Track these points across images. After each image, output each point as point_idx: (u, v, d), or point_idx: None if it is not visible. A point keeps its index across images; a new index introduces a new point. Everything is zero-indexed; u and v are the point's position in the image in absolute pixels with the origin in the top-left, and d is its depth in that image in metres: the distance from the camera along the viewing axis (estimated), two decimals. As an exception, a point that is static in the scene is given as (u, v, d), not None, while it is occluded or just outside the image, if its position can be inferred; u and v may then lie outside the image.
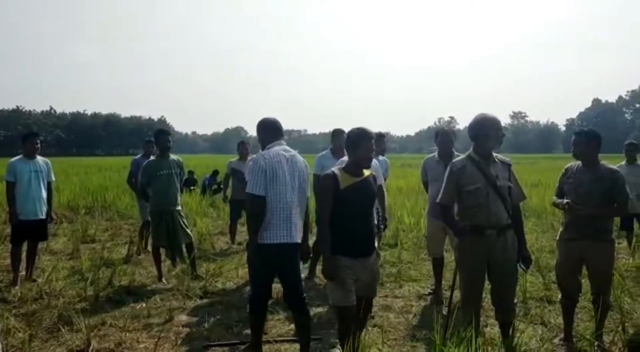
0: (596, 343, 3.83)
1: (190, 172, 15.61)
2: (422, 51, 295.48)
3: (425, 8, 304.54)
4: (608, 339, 3.99)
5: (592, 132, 4.10)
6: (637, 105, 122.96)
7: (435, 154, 5.46)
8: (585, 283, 4.22)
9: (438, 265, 5.41)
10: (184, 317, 4.75)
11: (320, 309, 4.94)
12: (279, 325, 4.50)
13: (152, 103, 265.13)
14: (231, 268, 6.34)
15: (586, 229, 3.95)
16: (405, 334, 4.18)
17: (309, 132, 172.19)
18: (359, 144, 3.48)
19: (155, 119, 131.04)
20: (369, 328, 4.34)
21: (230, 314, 4.81)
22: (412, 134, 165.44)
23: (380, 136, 6.86)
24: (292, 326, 4.46)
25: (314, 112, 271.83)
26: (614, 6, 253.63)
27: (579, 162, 4.11)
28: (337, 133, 6.02)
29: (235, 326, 4.50)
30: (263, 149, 3.81)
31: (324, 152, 6.22)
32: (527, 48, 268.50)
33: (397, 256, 6.84)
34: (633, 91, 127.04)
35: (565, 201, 3.98)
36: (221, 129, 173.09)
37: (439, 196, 3.80)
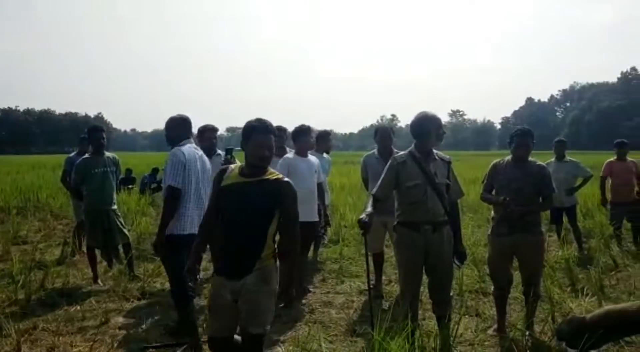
0: (527, 332, 3.99)
1: (128, 171, 15.19)
2: (367, 50, 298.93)
3: (368, 6, 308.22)
4: (539, 328, 4.17)
5: (531, 132, 4.26)
6: (568, 104, 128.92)
7: (375, 151, 5.49)
8: (517, 275, 4.40)
9: (378, 260, 5.49)
10: (120, 319, 4.61)
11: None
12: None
13: (89, 99, 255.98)
14: (170, 268, 6.21)
15: (517, 224, 4.10)
16: (345, 329, 4.22)
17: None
18: (250, 138, 2.90)
19: (92, 116, 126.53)
20: (310, 324, 4.37)
21: (169, 315, 4.70)
22: (355, 131, 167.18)
23: (326, 134, 6.89)
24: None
25: (260, 110, 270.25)
26: (546, 8, 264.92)
27: (507, 158, 4.27)
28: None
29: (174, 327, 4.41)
30: (174, 145, 3.98)
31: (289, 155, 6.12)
32: (466, 47, 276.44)
33: (339, 252, 6.90)
34: (564, 90, 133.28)
35: (502, 197, 4.10)
36: (162, 126, 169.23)
37: (375, 188, 3.84)
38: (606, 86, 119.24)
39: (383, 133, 5.46)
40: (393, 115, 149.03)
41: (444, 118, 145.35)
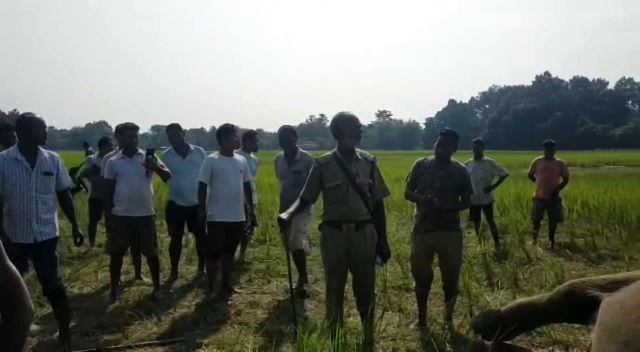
0: (446, 326, 4.15)
1: (46, 170, 14.41)
2: (295, 50, 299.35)
3: (299, 6, 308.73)
4: (457, 322, 4.34)
5: (456, 134, 4.43)
6: (487, 106, 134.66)
7: (282, 151, 5.58)
8: (437, 271, 4.55)
9: (299, 258, 5.43)
10: (34, 327, 4.36)
11: (185, 310, 4.81)
12: (140, 329, 4.31)
13: (3, 96, 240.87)
14: (89, 272, 5.97)
15: (439, 221, 4.27)
16: (271, 329, 4.21)
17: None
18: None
19: (7, 112, 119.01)
20: (235, 326, 4.32)
21: (87, 320, 4.52)
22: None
23: (252, 133, 6.86)
24: (155, 329, 4.31)
25: (186, 108, 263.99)
26: (467, 13, 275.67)
27: (430, 158, 4.41)
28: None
29: (93, 333, 4.24)
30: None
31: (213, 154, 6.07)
32: (393, 49, 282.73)
33: (266, 252, 6.87)
34: (484, 93, 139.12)
35: (425, 195, 4.23)
36: (82, 124, 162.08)
37: (302, 191, 3.88)
38: (522, 89, 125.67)
39: (281, 133, 5.52)
40: (322, 115, 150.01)
41: (372, 118, 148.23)
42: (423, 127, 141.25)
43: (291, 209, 3.76)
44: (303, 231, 5.27)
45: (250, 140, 6.56)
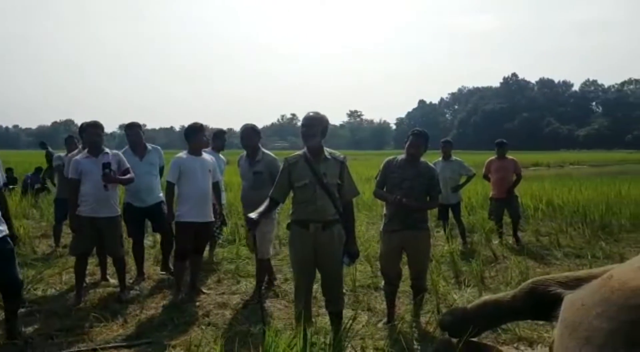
0: (414, 324, 4.19)
1: (9, 170, 14.09)
2: (267, 49, 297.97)
3: (272, 6, 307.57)
4: (425, 319, 4.38)
5: (427, 135, 4.48)
6: (456, 107, 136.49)
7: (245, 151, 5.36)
8: (405, 269, 4.59)
9: (265, 268, 5.26)
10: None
11: (152, 311, 4.75)
12: (105, 331, 4.24)
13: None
14: (54, 273, 5.84)
15: (408, 221, 4.32)
16: (240, 330, 4.18)
17: (149, 127, 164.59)
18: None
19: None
20: (203, 327, 4.28)
21: (51, 323, 4.42)
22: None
23: (221, 132, 6.79)
24: (121, 331, 4.24)
25: (154, 107, 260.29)
26: (434, 15, 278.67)
27: (400, 157, 4.44)
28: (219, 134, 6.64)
29: (56, 336, 4.14)
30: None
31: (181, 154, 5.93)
32: (363, 50, 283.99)
33: (235, 252, 6.83)
34: (453, 93, 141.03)
35: (394, 195, 4.26)
36: (48, 123, 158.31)
37: (272, 190, 3.86)
38: (490, 90, 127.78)
39: (243, 132, 5.27)
40: (293, 115, 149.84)
41: (343, 118, 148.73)
42: (394, 127, 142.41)
43: (261, 208, 3.74)
44: (269, 239, 5.14)
45: (219, 139, 6.51)
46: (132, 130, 5.78)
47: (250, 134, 5.21)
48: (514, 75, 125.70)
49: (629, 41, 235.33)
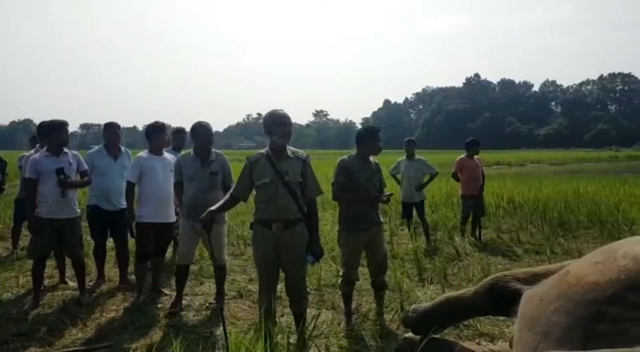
0: (378, 322, 4.22)
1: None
2: (232, 48, 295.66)
3: (238, 4, 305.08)
4: (389, 317, 4.41)
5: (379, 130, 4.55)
6: (421, 107, 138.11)
7: (191, 150, 4.88)
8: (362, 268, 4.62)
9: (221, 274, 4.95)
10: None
11: (112, 314, 4.64)
12: (64, 335, 4.12)
13: None
14: (10, 276, 5.66)
15: (370, 218, 4.35)
16: (202, 331, 4.13)
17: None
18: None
19: None
20: (165, 330, 4.21)
21: (7, 328, 4.27)
22: (221, 130, 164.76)
23: (181, 131, 6.64)
24: (80, 335, 4.14)
25: (116, 106, 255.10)
26: (399, 15, 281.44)
27: (352, 156, 4.43)
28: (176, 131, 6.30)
29: (12, 341, 4.01)
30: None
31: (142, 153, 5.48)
32: (328, 49, 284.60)
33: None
34: (417, 93, 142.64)
35: (388, 193, 4.42)
36: (6, 122, 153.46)
37: (233, 187, 3.80)
38: (453, 90, 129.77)
39: (198, 130, 4.81)
40: (259, 114, 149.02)
41: (309, 118, 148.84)
42: (359, 126, 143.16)
43: (219, 203, 3.75)
44: (224, 243, 4.98)
45: (179, 138, 6.36)
46: (111, 130, 5.54)
47: (208, 131, 4.84)
48: (477, 75, 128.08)
49: (586, 43, 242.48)
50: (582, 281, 2.46)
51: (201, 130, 4.77)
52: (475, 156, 8.23)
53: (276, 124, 3.71)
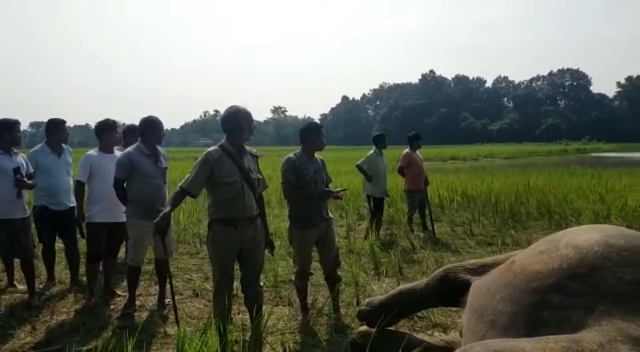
0: (333, 316, 4.25)
1: None
2: (188, 45, 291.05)
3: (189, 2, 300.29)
4: (345, 311, 4.45)
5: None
6: (378, 103, 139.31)
7: (139, 146, 4.62)
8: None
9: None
10: None
11: (63, 317, 4.52)
12: (12, 340, 3.99)
13: None
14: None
15: (322, 213, 4.38)
16: (156, 331, 4.07)
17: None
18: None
19: None
20: (118, 331, 4.13)
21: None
22: (178, 127, 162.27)
23: (133, 128, 6.45)
24: (29, 339, 4.02)
25: (67, 104, 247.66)
26: (357, 11, 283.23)
27: (297, 153, 4.41)
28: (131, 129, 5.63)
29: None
30: None
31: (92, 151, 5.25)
32: (287, 47, 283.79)
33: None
34: (375, 90, 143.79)
35: (342, 189, 4.54)
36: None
37: (186, 182, 3.66)
38: (410, 86, 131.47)
39: (152, 124, 4.62)
40: (216, 111, 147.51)
41: (267, 114, 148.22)
42: (319, 123, 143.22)
43: (172, 202, 3.70)
44: (173, 236, 4.91)
45: (132, 136, 6.19)
46: (57, 127, 5.27)
47: (161, 126, 4.67)
48: (432, 72, 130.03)
49: (536, 39, 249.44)
50: (527, 270, 2.54)
51: (157, 124, 4.63)
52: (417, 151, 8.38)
53: (245, 120, 3.71)
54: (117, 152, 5.06)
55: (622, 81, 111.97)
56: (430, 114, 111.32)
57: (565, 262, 2.44)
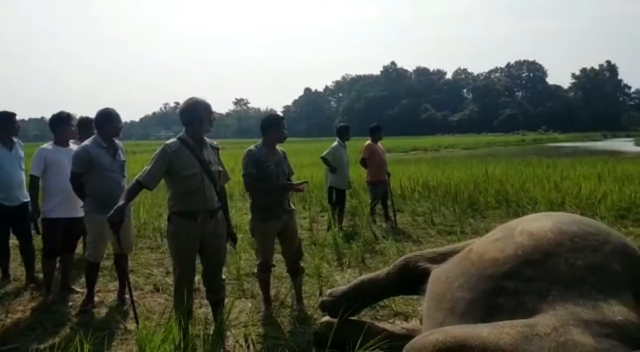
0: (297, 307, 4.27)
1: None
2: (148, 37, 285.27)
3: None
4: (308, 303, 4.47)
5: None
6: (340, 94, 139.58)
7: (96, 138, 4.47)
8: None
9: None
10: None
11: (19, 315, 4.40)
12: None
13: None
14: None
15: (282, 206, 4.38)
16: (115, 328, 4.00)
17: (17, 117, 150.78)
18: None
19: None
20: (76, 328, 4.04)
21: None
22: (137, 119, 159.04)
23: (88, 121, 6.26)
24: (-18, 339, 3.89)
25: (24, 96, 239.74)
26: (317, 4, 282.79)
27: (259, 145, 4.39)
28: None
29: None
30: None
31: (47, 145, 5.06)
32: (251, 39, 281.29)
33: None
34: (337, 81, 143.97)
35: (304, 181, 4.56)
36: None
37: (142, 175, 3.58)
38: (371, 78, 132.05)
39: (111, 117, 4.47)
40: (177, 103, 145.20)
41: (229, 106, 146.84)
42: (281, 115, 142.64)
43: (126, 196, 3.59)
44: (132, 231, 4.83)
45: (86, 129, 6.02)
46: (8, 120, 5.05)
47: (118, 119, 4.53)
48: (393, 63, 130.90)
49: (495, 32, 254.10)
50: (483, 257, 2.60)
51: (114, 116, 4.48)
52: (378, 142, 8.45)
53: (204, 112, 3.66)
54: (73, 146, 4.93)
55: (577, 73, 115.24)
56: (392, 106, 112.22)
57: (520, 249, 2.50)
